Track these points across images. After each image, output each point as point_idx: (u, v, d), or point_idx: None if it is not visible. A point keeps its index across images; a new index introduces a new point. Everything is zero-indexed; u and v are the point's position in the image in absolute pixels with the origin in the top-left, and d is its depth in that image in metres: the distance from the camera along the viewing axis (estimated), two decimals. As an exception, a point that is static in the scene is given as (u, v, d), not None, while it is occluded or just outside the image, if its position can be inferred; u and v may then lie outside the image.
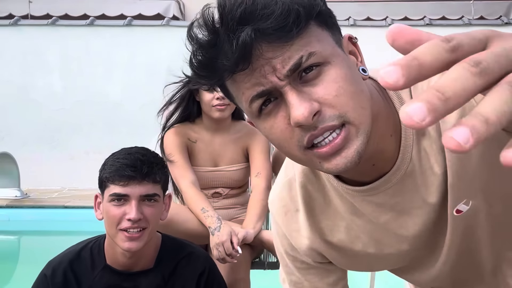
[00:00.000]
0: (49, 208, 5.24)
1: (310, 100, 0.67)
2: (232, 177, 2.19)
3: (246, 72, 0.68)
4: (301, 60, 0.67)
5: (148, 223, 1.44)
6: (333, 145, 0.68)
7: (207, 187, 2.18)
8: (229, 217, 2.19)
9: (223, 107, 2.09)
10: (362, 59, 0.76)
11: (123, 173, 1.41)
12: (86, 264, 1.52)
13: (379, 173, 0.80)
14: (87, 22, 6.84)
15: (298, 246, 0.95)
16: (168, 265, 1.54)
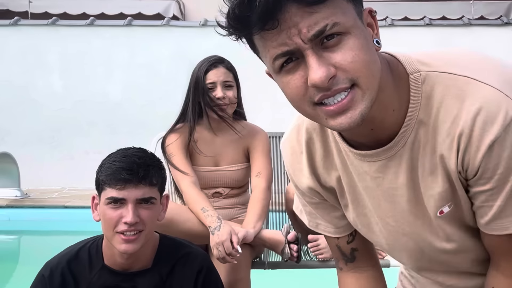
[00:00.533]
0: (49, 208, 5.24)
1: (328, 64, 0.76)
2: (233, 177, 2.19)
3: (273, 32, 0.75)
4: (326, 28, 0.75)
5: (144, 226, 1.44)
6: (340, 105, 0.78)
7: (208, 187, 2.18)
8: (229, 217, 2.19)
9: (224, 107, 2.11)
10: (377, 32, 0.85)
11: (119, 177, 1.41)
12: (84, 265, 1.52)
13: (375, 139, 0.89)
14: (87, 22, 6.84)
15: (299, 184, 1.06)
16: (166, 265, 1.54)
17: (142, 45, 6.69)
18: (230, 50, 2.32)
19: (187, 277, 1.54)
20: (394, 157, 0.90)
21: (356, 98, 0.78)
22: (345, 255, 1.14)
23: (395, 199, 0.95)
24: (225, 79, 2.14)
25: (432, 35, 6.68)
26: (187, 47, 6.51)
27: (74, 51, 6.69)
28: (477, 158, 0.83)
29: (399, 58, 0.90)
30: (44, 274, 1.50)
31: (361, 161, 0.93)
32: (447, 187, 0.90)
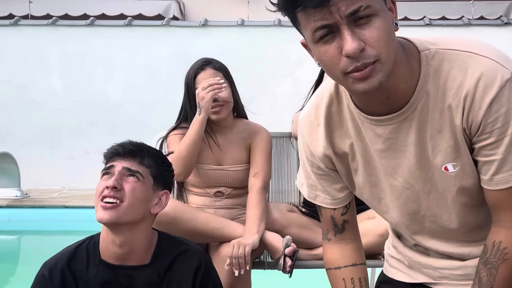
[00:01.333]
0: (49, 208, 5.24)
1: (359, 39, 0.94)
2: (236, 177, 2.19)
3: (317, 9, 0.93)
4: (360, 8, 0.93)
5: (125, 197, 1.45)
6: (364, 72, 0.96)
7: (210, 186, 2.18)
8: (230, 217, 2.19)
9: (218, 109, 2.09)
10: (396, 15, 1.02)
11: (111, 150, 1.52)
12: (83, 262, 1.52)
13: (388, 108, 1.07)
14: (87, 22, 6.84)
15: (315, 152, 1.23)
16: (164, 261, 1.54)
17: (142, 45, 6.70)
18: (230, 50, 2.32)
19: (185, 274, 1.54)
20: (405, 120, 1.07)
21: (377, 69, 0.97)
22: (336, 226, 1.31)
23: (404, 155, 1.11)
24: None
25: (432, 35, 6.68)
26: (187, 47, 6.51)
27: (74, 51, 6.69)
28: (479, 114, 1.00)
29: (411, 40, 1.09)
30: (43, 274, 1.50)
31: (376, 125, 1.09)
32: (452, 143, 1.06)
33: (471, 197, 1.12)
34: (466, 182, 1.09)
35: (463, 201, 1.12)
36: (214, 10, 8.21)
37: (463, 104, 1.02)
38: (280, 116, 2.38)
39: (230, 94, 2.16)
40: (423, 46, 1.07)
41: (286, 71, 6.37)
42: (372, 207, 1.27)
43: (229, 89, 2.16)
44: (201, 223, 1.98)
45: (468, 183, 1.09)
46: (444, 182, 1.11)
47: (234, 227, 2.05)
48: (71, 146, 6.61)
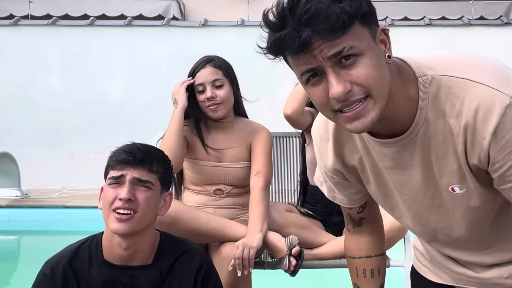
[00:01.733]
0: (49, 208, 5.23)
1: (345, 81, 0.94)
2: (236, 175, 2.18)
3: (301, 54, 0.94)
4: (343, 50, 0.93)
5: (139, 207, 1.46)
6: (355, 112, 0.97)
7: (210, 183, 2.18)
8: (230, 217, 2.18)
9: (215, 107, 2.11)
10: (389, 47, 1.01)
11: (119, 158, 1.49)
12: (85, 261, 1.52)
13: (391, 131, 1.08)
14: (87, 22, 6.84)
15: (325, 165, 1.28)
16: (166, 261, 1.55)
17: (142, 45, 6.70)
18: (230, 50, 2.33)
19: (187, 274, 1.54)
20: (408, 143, 1.07)
21: (368, 107, 0.96)
22: (354, 221, 1.39)
23: (411, 173, 1.12)
24: (214, 78, 2.12)
25: (432, 35, 6.69)
26: (187, 47, 6.51)
27: (74, 51, 6.70)
28: (485, 145, 0.98)
29: (408, 63, 1.06)
30: (45, 272, 1.50)
31: (381, 146, 1.11)
32: (456, 167, 1.06)
33: (481, 215, 1.12)
34: (474, 203, 1.10)
35: (472, 217, 1.13)
36: (214, 10, 8.21)
37: (464, 135, 1.00)
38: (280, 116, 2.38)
39: (229, 93, 2.16)
40: (420, 71, 1.04)
41: (286, 71, 6.32)
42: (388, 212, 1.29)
43: (229, 88, 2.16)
44: (202, 223, 1.98)
45: (475, 204, 1.10)
46: (452, 201, 1.11)
47: (235, 227, 2.05)
48: (71, 146, 6.61)
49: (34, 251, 4.65)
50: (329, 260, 2.19)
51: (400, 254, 2.25)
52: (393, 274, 2.61)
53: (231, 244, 1.99)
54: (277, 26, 0.97)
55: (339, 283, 3.39)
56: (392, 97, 1.00)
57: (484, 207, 1.10)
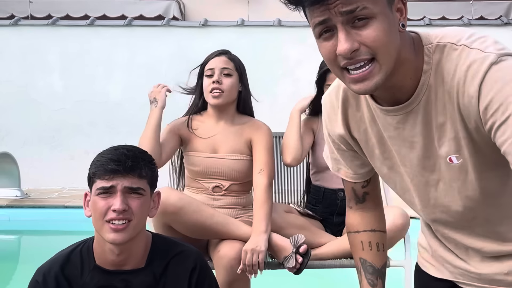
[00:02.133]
0: (49, 208, 5.23)
1: (354, 40, 0.97)
2: (233, 167, 2.18)
3: (317, 6, 0.98)
4: (356, 9, 0.96)
5: (133, 215, 1.44)
6: (360, 74, 1.00)
7: (207, 177, 2.18)
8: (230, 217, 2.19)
9: (217, 94, 2.15)
10: (405, 16, 1.04)
11: (108, 168, 1.44)
12: (77, 267, 1.51)
13: (396, 100, 1.10)
14: (87, 22, 6.84)
15: (333, 131, 1.30)
16: (159, 264, 1.53)
17: (142, 45, 6.70)
18: (230, 50, 2.33)
19: (180, 276, 1.53)
20: (411, 112, 1.10)
21: (374, 71, 1.00)
22: (357, 197, 1.41)
23: (412, 145, 1.14)
24: (224, 66, 2.20)
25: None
26: (187, 47, 6.51)
27: (74, 51, 6.70)
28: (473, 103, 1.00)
29: (420, 34, 1.11)
30: (37, 280, 1.49)
31: (385, 115, 1.14)
32: (453, 136, 1.08)
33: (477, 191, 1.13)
34: (470, 176, 1.11)
35: (469, 194, 1.14)
36: (214, 10, 8.21)
37: (457, 98, 1.03)
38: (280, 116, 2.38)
39: (234, 85, 2.20)
40: (427, 40, 1.08)
41: (286, 71, 6.38)
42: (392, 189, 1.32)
43: (236, 81, 2.21)
44: (207, 216, 1.99)
45: (471, 177, 1.11)
46: (450, 173, 1.13)
47: (238, 224, 2.05)
48: (71, 146, 6.61)
49: (34, 251, 4.65)
50: (329, 260, 2.19)
51: (400, 254, 2.25)
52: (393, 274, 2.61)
53: (229, 243, 1.99)
54: None
55: (339, 283, 3.39)
56: (401, 65, 1.03)
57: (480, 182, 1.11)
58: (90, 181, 1.50)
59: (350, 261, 2.21)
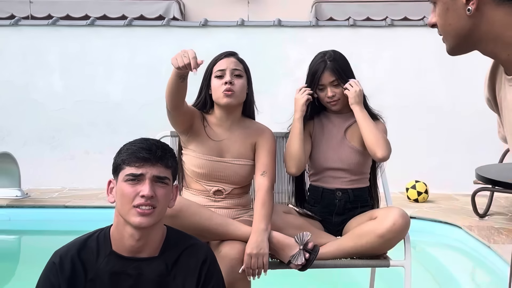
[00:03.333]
0: (49, 208, 5.23)
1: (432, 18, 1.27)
2: (237, 171, 2.19)
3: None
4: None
5: (158, 203, 1.53)
6: None
7: (210, 179, 2.18)
8: (230, 217, 2.19)
9: (230, 93, 2.14)
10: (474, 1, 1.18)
11: (139, 155, 1.53)
12: (93, 252, 1.57)
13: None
14: (88, 22, 6.84)
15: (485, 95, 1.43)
16: (172, 254, 1.59)
17: (142, 45, 6.70)
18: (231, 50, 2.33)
19: (191, 267, 1.59)
20: None
21: None
22: None
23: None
24: (235, 67, 2.21)
25: (432, 35, 6.66)
26: (187, 47, 6.48)
27: (75, 51, 6.69)
28: None
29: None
30: (54, 261, 1.55)
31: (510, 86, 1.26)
32: None
33: None
34: None
35: None
36: (214, 10, 8.21)
37: None
38: (280, 116, 2.39)
39: (244, 87, 2.22)
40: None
41: (286, 71, 6.37)
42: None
43: (245, 83, 2.23)
44: (206, 218, 1.99)
45: None
46: None
47: (237, 225, 2.05)
48: (72, 146, 6.61)
49: (34, 251, 4.65)
50: (329, 260, 2.19)
51: (400, 254, 2.25)
52: (393, 274, 2.61)
53: (230, 243, 2.00)
54: None
55: (339, 283, 3.39)
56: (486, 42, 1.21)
57: None
58: (117, 168, 1.58)
59: (350, 261, 2.22)
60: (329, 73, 2.32)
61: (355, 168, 2.37)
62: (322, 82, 2.33)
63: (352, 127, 2.38)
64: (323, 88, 2.35)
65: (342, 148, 2.36)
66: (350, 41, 6.31)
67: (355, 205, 2.35)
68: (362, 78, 2.46)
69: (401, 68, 6.39)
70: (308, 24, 6.83)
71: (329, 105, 2.38)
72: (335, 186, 2.37)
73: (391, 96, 6.17)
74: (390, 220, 2.11)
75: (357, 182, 2.39)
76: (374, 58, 6.37)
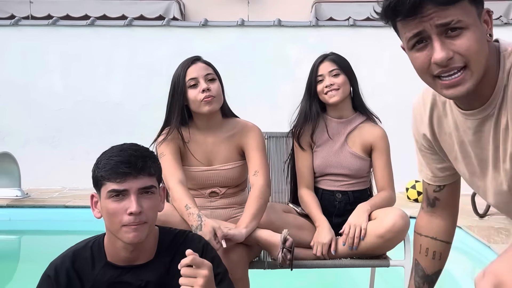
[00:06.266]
0: (49, 208, 5.23)
1: (448, 49, 1.04)
2: (228, 175, 2.18)
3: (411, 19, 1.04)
4: (451, 22, 1.03)
5: (147, 216, 1.46)
6: (453, 80, 1.07)
7: (203, 187, 2.18)
8: (226, 216, 2.18)
9: (210, 99, 2.08)
10: (491, 27, 1.13)
11: (119, 170, 1.43)
12: (88, 263, 1.53)
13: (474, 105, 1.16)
14: (88, 22, 6.84)
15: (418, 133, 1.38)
16: (167, 254, 1.56)
17: (142, 45, 6.70)
18: (230, 50, 2.33)
19: None
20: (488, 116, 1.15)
21: (466, 77, 1.06)
22: (428, 200, 1.46)
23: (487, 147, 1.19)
24: (206, 72, 2.13)
25: (432, 35, 6.68)
26: (187, 47, 6.49)
27: (75, 51, 6.69)
28: None
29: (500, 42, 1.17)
30: (49, 274, 1.50)
31: (466, 119, 1.20)
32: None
33: None
34: None
35: None
36: (214, 10, 8.20)
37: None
38: (280, 116, 2.38)
39: (220, 89, 2.16)
40: (503, 47, 1.15)
41: (286, 71, 6.37)
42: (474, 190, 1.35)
43: (219, 85, 2.16)
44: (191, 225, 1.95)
45: None
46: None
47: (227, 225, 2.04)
48: (72, 146, 6.61)
49: (34, 251, 4.65)
50: (328, 260, 2.19)
51: (400, 254, 2.25)
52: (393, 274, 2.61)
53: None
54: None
55: (339, 283, 3.39)
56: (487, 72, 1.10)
57: None
58: (98, 183, 1.48)
59: (350, 261, 2.22)
60: (329, 63, 2.33)
61: (356, 173, 2.37)
62: (320, 72, 2.32)
63: (353, 133, 2.37)
64: (322, 80, 2.33)
65: (343, 154, 2.35)
66: (350, 41, 6.31)
67: (355, 206, 2.35)
68: (362, 78, 2.46)
69: (401, 68, 6.38)
70: (308, 24, 6.83)
71: (326, 97, 2.32)
72: (335, 189, 2.37)
73: (391, 96, 6.16)
74: (390, 221, 2.11)
75: (357, 185, 2.39)
76: (374, 58, 6.37)
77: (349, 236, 2.13)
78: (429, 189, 1.46)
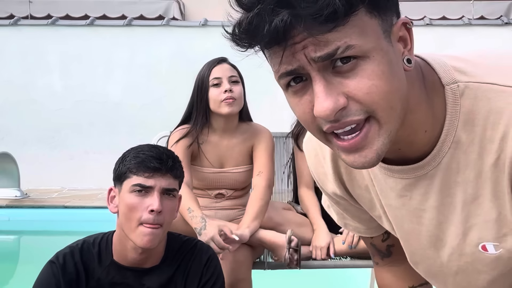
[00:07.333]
0: (49, 208, 5.23)
1: (338, 94, 0.65)
2: (237, 178, 2.18)
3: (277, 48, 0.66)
4: (336, 52, 0.63)
5: (164, 219, 1.43)
6: (353, 142, 0.67)
7: (210, 188, 2.18)
8: (229, 218, 2.18)
9: (231, 101, 2.06)
10: (411, 47, 0.72)
11: (149, 165, 1.41)
12: (94, 259, 1.50)
13: (403, 157, 0.78)
14: (87, 22, 6.84)
15: (325, 188, 0.98)
16: (174, 261, 1.54)
17: (142, 45, 6.69)
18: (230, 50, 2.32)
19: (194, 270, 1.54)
20: (424, 177, 0.78)
21: (371, 134, 0.67)
22: (381, 252, 1.09)
23: (421, 221, 0.83)
24: (231, 74, 2.12)
25: (432, 35, 6.68)
26: (187, 47, 6.50)
27: (74, 51, 6.69)
28: None
29: (433, 66, 0.77)
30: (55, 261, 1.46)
31: (387, 176, 0.82)
32: (495, 217, 0.75)
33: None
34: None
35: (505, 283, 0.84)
36: (214, 10, 8.20)
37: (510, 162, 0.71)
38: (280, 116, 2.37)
39: (242, 92, 2.15)
40: (448, 77, 0.75)
41: (286, 71, 6.37)
42: None
43: (242, 88, 2.16)
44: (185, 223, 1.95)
45: None
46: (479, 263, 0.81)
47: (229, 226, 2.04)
48: (71, 146, 6.60)
49: (34, 251, 4.65)
50: (329, 260, 2.18)
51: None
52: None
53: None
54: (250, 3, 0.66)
55: (339, 283, 3.38)
56: (411, 113, 0.72)
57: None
58: (122, 176, 1.45)
59: (350, 261, 2.21)
60: None
61: None
62: None
63: None
64: None
65: None
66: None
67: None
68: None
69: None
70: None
71: None
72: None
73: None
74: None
75: None
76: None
77: (349, 235, 2.12)
78: (376, 241, 1.06)
